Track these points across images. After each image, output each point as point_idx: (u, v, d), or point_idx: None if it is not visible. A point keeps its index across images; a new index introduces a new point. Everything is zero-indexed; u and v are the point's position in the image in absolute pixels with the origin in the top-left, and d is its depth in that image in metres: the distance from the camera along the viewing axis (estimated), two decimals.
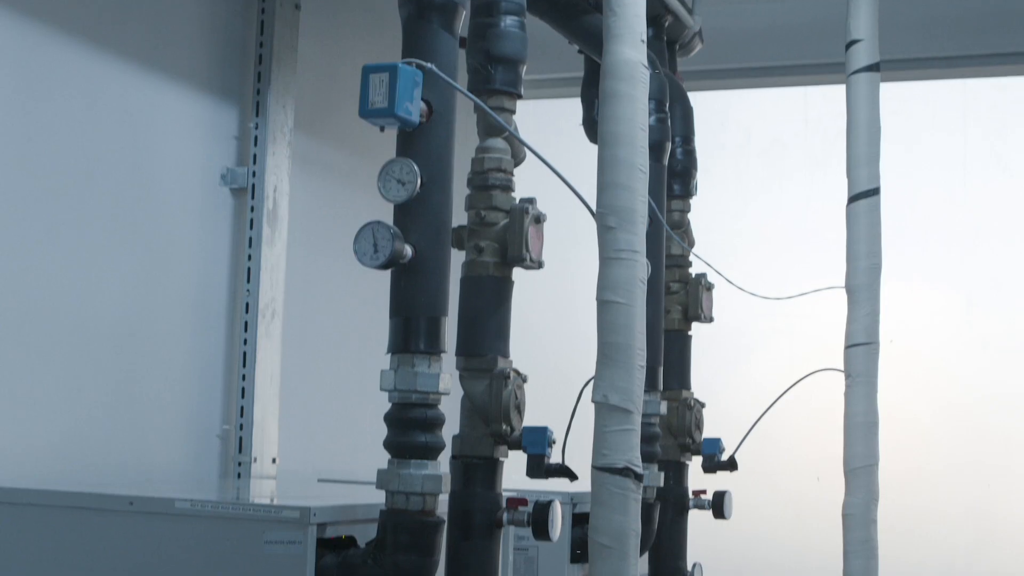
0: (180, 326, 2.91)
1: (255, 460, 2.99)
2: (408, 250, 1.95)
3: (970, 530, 3.96)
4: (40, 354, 2.54)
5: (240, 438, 3.00)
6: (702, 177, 3.19)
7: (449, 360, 2.05)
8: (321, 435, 3.36)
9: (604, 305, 2.02)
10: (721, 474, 3.16)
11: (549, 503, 2.14)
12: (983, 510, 3.96)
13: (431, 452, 1.98)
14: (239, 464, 2.99)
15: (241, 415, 3.01)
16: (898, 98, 3.55)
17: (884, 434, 2.84)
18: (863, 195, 2.83)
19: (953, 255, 4.20)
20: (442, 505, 2.06)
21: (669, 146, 2.91)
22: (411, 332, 1.97)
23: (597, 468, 2.01)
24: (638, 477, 2.00)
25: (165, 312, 2.86)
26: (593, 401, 2.03)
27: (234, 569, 1.96)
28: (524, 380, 2.15)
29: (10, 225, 2.47)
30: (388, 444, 1.98)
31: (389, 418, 1.99)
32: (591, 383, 2.06)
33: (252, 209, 3.04)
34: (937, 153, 4.27)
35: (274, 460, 3.05)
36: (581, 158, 2.35)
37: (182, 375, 2.91)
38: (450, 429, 2.06)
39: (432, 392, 1.98)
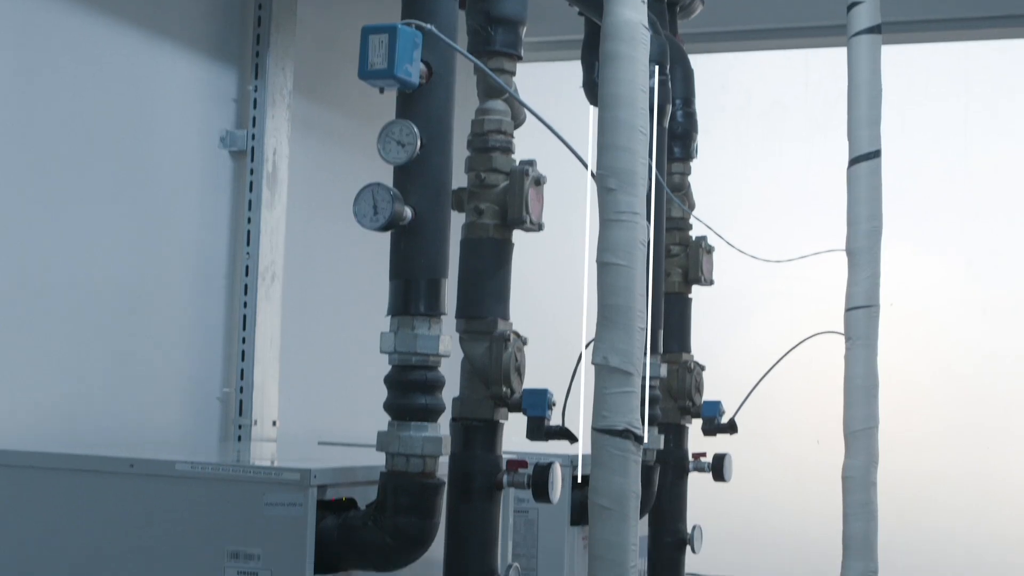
0: (180, 289, 2.90)
1: (255, 423, 2.99)
2: (408, 212, 1.95)
3: (971, 493, 3.96)
4: (40, 318, 2.53)
5: (240, 401, 3.01)
6: (702, 140, 3.18)
7: (449, 322, 2.05)
8: (321, 398, 3.36)
9: (604, 267, 2.02)
10: (721, 437, 3.17)
11: (549, 465, 2.15)
12: (983, 473, 3.96)
13: (431, 414, 1.98)
14: (239, 427, 3.00)
15: (241, 378, 3.01)
16: (899, 63, 3.54)
17: (884, 397, 2.84)
18: (864, 157, 2.82)
19: (953, 219, 4.19)
20: (442, 467, 2.06)
21: (670, 108, 2.90)
22: (411, 294, 1.97)
23: (597, 430, 2.00)
24: (638, 439, 2.00)
25: (165, 275, 2.85)
26: (593, 363, 2.03)
27: (234, 531, 1.97)
28: (524, 342, 2.15)
29: (9, 190, 2.46)
30: (388, 406, 1.99)
31: (389, 380, 1.99)
32: (591, 345, 2.06)
33: (251, 172, 3.03)
34: (938, 117, 4.26)
35: (274, 423, 3.06)
36: (582, 121, 2.34)
37: (182, 338, 2.91)
38: (450, 391, 2.07)
39: (432, 354, 1.97)
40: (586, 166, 2.05)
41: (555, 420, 2.16)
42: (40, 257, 2.53)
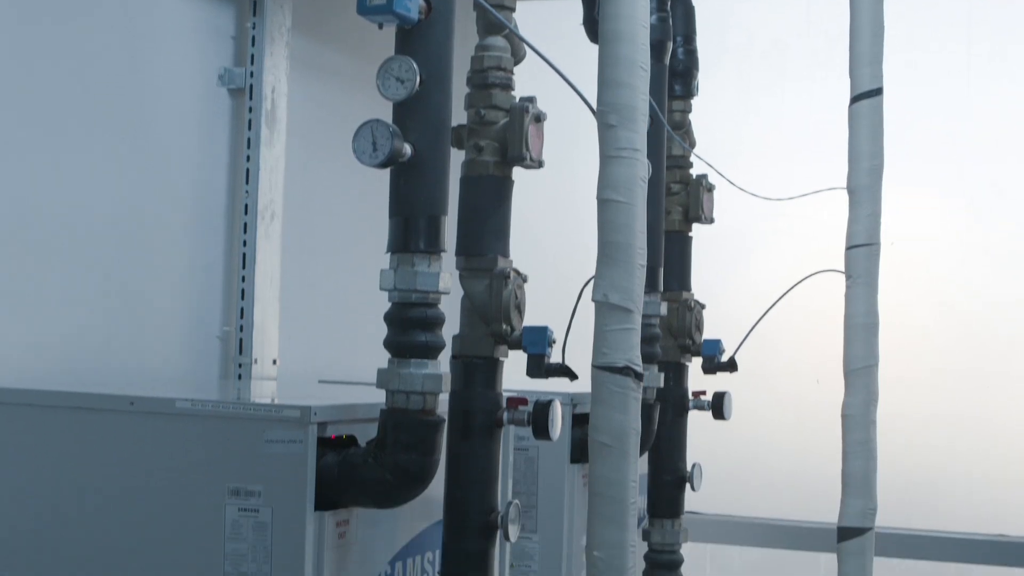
0: (179, 228, 2.90)
1: (255, 361, 2.99)
2: (407, 148, 1.94)
3: (969, 435, 3.97)
4: (39, 257, 2.53)
5: (240, 340, 3.01)
6: (704, 80, 3.16)
7: (449, 260, 2.04)
8: (321, 336, 3.36)
9: (604, 204, 2.01)
10: (721, 375, 3.17)
11: (549, 402, 2.15)
12: (982, 415, 3.96)
13: (431, 351, 1.97)
14: (239, 365, 3.00)
15: (241, 317, 3.01)
16: (902, 2, 3.51)
17: (883, 339, 2.84)
18: (866, 95, 2.81)
19: (955, 160, 4.17)
20: (442, 405, 2.06)
21: (670, 45, 2.88)
22: (411, 231, 1.97)
23: (597, 367, 2.01)
24: (638, 376, 2.01)
25: (164, 213, 2.84)
26: (593, 300, 2.03)
27: (235, 468, 1.97)
28: (524, 280, 2.14)
29: (7, 129, 2.45)
30: (388, 344, 1.99)
31: (389, 318, 1.99)
32: (591, 283, 2.06)
33: (250, 110, 3.01)
34: (940, 58, 4.23)
35: (274, 361, 3.06)
36: (582, 59, 2.32)
37: (181, 277, 2.91)
38: (450, 329, 2.06)
39: (432, 291, 1.97)
40: (586, 102, 2.04)
41: (555, 358, 2.16)
42: (38, 197, 2.52)
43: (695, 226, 3.17)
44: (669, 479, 3.10)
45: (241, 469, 1.96)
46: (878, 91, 2.81)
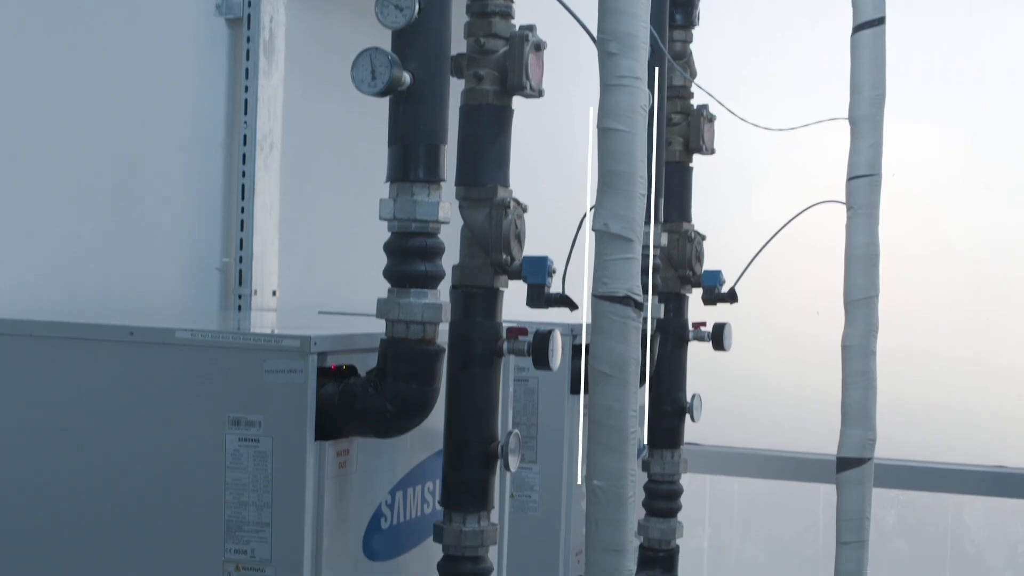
0: (178, 159, 2.89)
1: (255, 293, 2.99)
2: (406, 77, 1.93)
3: (968, 369, 3.97)
4: (39, 189, 2.52)
5: (240, 271, 3.00)
6: (705, 10, 3.14)
7: (449, 190, 2.03)
8: (321, 268, 3.36)
9: (605, 133, 2.00)
10: (721, 306, 3.17)
11: (549, 332, 2.15)
12: (982, 347, 3.96)
13: (431, 281, 1.97)
14: (239, 297, 3.00)
15: (240, 248, 3.00)
16: None
17: (882, 272, 2.84)
18: (868, 24, 2.79)
19: (957, 93, 4.14)
20: (442, 335, 2.06)
21: None
22: (410, 160, 1.96)
23: (597, 296, 2.00)
24: (638, 305, 2.00)
25: (162, 144, 2.83)
26: (593, 229, 2.02)
27: (235, 398, 1.97)
28: (524, 210, 2.13)
29: (4, 61, 2.43)
30: (388, 273, 1.98)
31: (388, 247, 1.98)
32: (592, 211, 2.05)
33: (248, 40, 2.99)
34: None
35: (274, 293, 3.06)
36: None
37: (180, 208, 2.90)
38: (450, 259, 2.06)
39: (432, 221, 1.97)
40: (587, 30, 2.02)
41: (555, 288, 2.15)
42: (36, 129, 2.51)
43: (696, 157, 3.15)
44: (669, 409, 3.10)
45: (241, 399, 1.97)
46: (880, 20, 2.79)
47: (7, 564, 2.11)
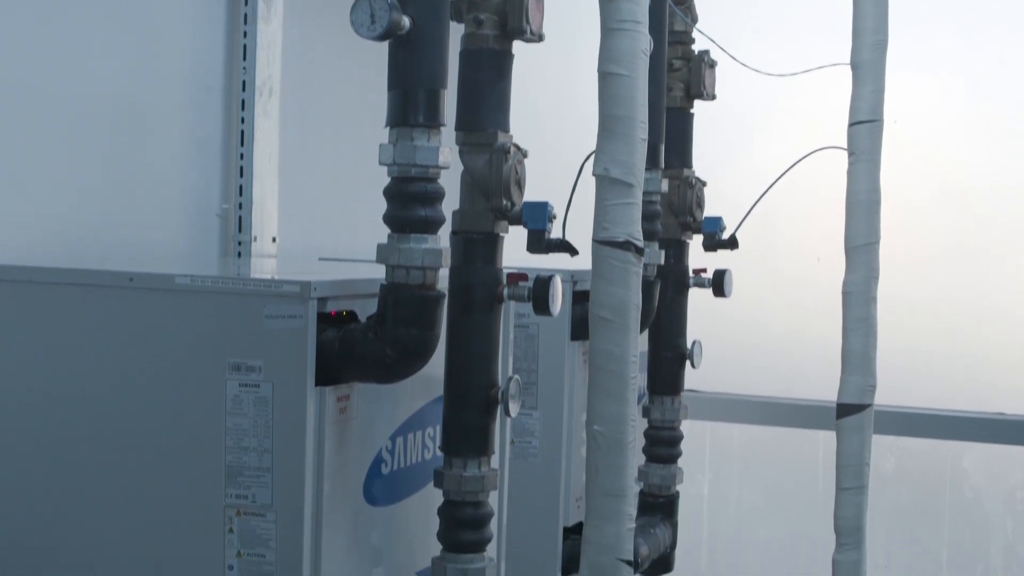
0: (176, 105, 2.87)
1: (255, 239, 2.99)
2: (406, 21, 1.91)
3: (968, 316, 3.97)
4: (37, 134, 2.51)
5: (240, 217, 3.00)
6: None
7: (449, 135, 2.02)
8: (321, 214, 3.35)
9: (606, 77, 1.99)
10: (722, 253, 3.16)
11: (550, 278, 2.14)
12: (982, 295, 3.96)
13: (431, 226, 1.97)
14: (239, 243, 2.99)
15: (240, 194, 3.00)
16: None
17: (882, 220, 2.83)
18: None
19: (958, 38, 4.12)
20: (442, 281, 2.05)
21: None
22: (409, 105, 1.95)
23: (598, 241, 2.00)
24: (639, 251, 2.00)
25: (160, 90, 2.82)
26: (594, 174, 2.02)
27: (234, 344, 1.97)
28: (524, 155, 2.12)
29: (2, 5, 2.42)
30: (388, 218, 1.98)
31: (388, 192, 1.98)
32: (592, 157, 2.04)
33: None
34: None
35: (274, 239, 3.05)
36: None
37: (179, 155, 2.89)
38: (450, 205, 2.05)
39: (432, 166, 1.96)
40: None
41: (555, 233, 2.15)
42: (34, 74, 2.50)
43: (697, 103, 3.14)
44: (669, 356, 3.11)
45: (241, 344, 1.96)
46: None
47: (6, 511, 2.11)
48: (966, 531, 4.00)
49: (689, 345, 3.14)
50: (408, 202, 1.96)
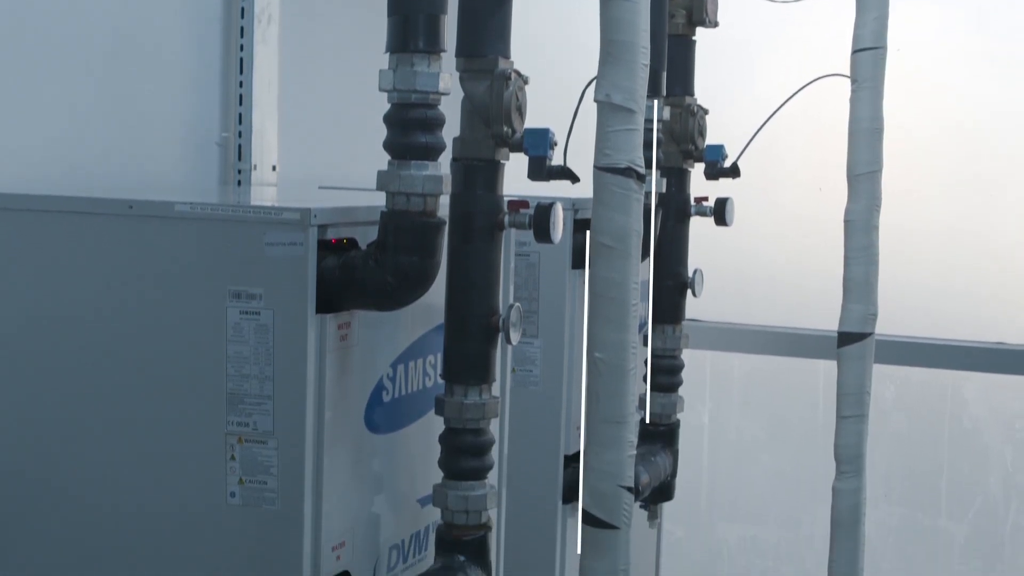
0: (175, 32, 2.85)
1: (255, 168, 2.98)
2: None
3: (970, 246, 3.96)
4: (35, 61, 2.49)
5: (239, 146, 2.98)
6: None
7: (449, 61, 2.01)
8: (321, 142, 3.33)
9: (607, 2, 1.97)
10: (723, 182, 3.15)
11: (551, 204, 2.13)
12: (984, 227, 3.95)
13: (431, 152, 1.96)
14: (239, 172, 2.98)
15: (240, 122, 2.98)
16: None
17: (884, 150, 2.82)
18: None
19: None
20: (443, 208, 2.05)
21: None
22: (409, 30, 1.93)
23: (599, 168, 1.99)
24: (640, 177, 1.99)
25: (158, 16, 2.80)
26: (595, 100, 2.00)
27: (234, 271, 1.96)
28: (525, 81, 2.11)
29: None
30: (388, 145, 1.96)
31: (388, 118, 1.96)
32: (593, 83, 2.02)
33: None
34: None
35: (274, 168, 3.04)
36: None
37: (177, 82, 2.87)
38: (450, 131, 2.04)
39: (432, 92, 1.94)
40: None
41: (556, 160, 2.14)
42: (32, 1, 2.48)
43: (699, 30, 3.11)
44: (670, 284, 3.10)
45: (241, 272, 1.96)
46: None
47: (7, 439, 2.12)
48: (965, 461, 4.01)
49: (690, 274, 3.13)
50: (408, 128, 1.94)
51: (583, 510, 2.16)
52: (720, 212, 3.12)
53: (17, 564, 2.13)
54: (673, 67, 2.94)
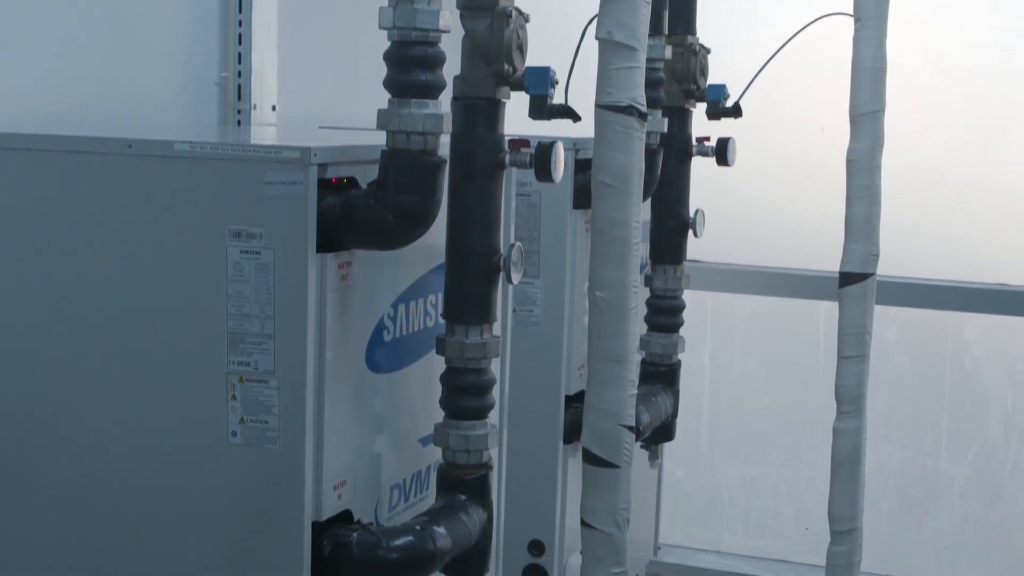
0: None
1: (254, 108, 2.97)
2: None
3: (972, 187, 3.95)
4: (34, 1, 2.48)
5: (239, 86, 2.97)
6: None
7: None
8: (321, 82, 3.32)
9: None
10: (725, 122, 3.14)
11: (552, 143, 2.12)
12: (986, 168, 3.93)
13: (432, 91, 1.94)
14: (238, 112, 2.97)
15: (239, 62, 2.97)
16: None
17: (887, 92, 2.80)
18: None
19: None
20: (444, 147, 2.04)
21: None
22: None
23: (600, 106, 1.98)
24: (642, 116, 1.98)
25: None
26: (597, 38, 1.99)
27: (235, 210, 1.96)
28: (526, 19, 2.09)
29: None
30: (388, 83, 1.95)
31: (388, 56, 1.95)
32: (595, 21, 2.01)
33: None
34: None
35: (274, 107, 3.03)
36: None
37: (177, 21, 2.86)
38: (451, 70, 2.03)
39: (432, 30, 1.93)
40: None
41: (558, 99, 2.13)
42: None
43: None
44: (672, 224, 3.10)
45: (241, 211, 1.95)
46: None
47: (7, 378, 2.12)
48: (966, 402, 4.02)
49: (692, 214, 3.12)
50: (408, 66, 1.93)
51: (584, 449, 2.17)
52: (722, 152, 3.11)
53: (20, 502, 2.14)
54: (674, 6, 2.93)
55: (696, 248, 3.30)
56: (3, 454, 2.14)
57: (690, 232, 3.13)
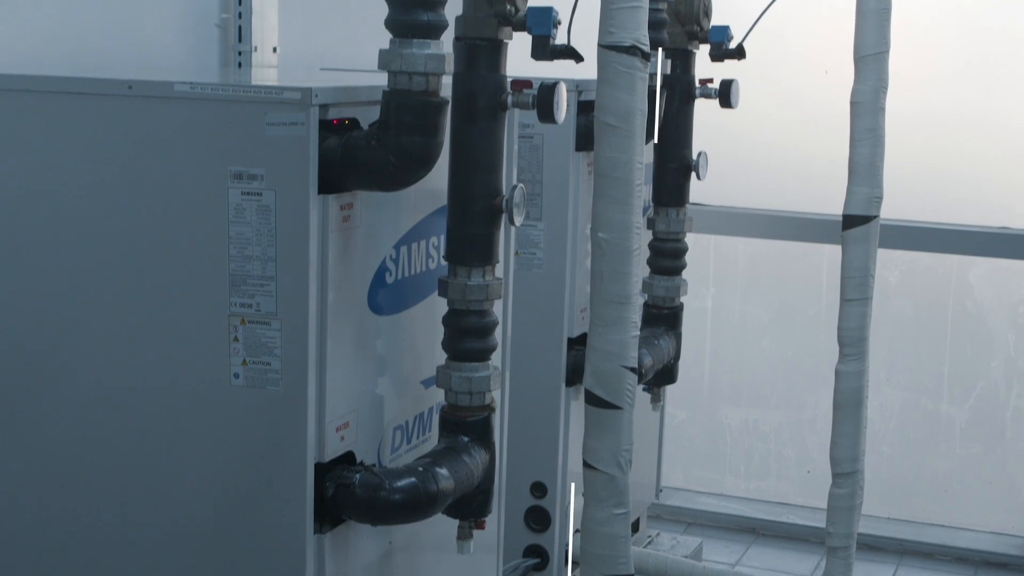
0: None
1: (255, 49, 2.95)
2: None
3: (975, 131, 3.94)
4: None
5: (239, 27, 2.95)
6: None
7: None
8: (322, 24, 3.30)
9: None
10: (729, 64, 3.12)
11: (554, 84, 2.11)
12: (989, 112, 3.92)
13: (433, 31, 1.93)
14: (239, 54, 2.95)
15: (240, 3, 2.94)
16: None
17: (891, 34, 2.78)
18: None
19: None
20: (446, 89, 2.02)
21: None
22: None
23: (603, 46, 1.96)
24: (645, 56, 1.97)
25: None
26: None
27: (236, 151, 1.95)
28: None
29: None
30: (389, 23, 1.94)
31: None
32: None
33: None
34: None
35: (275, 49, 3.01)
36: None
37: None
38: (453, 10, 2.01)
39: None
40: None
41: (560, 40, 2.11)
42: None
43: None
44: (675, 167, 3.08)
45: (242, 152, 1.94)
46: None
47: (11, 317, 2.12)
48: (968, 345, 4.02)
49: (695, 156, 3.11)
50: (410, 5, 1.92)
51: (586, 390, 2.17)
52: (725, 94, 3.09)
53: (21, 440, 2.14)
54: None
55: (699, 191, 3.29)
56: (5, 396, 2.14)
57: (693, 175, 3.11)
